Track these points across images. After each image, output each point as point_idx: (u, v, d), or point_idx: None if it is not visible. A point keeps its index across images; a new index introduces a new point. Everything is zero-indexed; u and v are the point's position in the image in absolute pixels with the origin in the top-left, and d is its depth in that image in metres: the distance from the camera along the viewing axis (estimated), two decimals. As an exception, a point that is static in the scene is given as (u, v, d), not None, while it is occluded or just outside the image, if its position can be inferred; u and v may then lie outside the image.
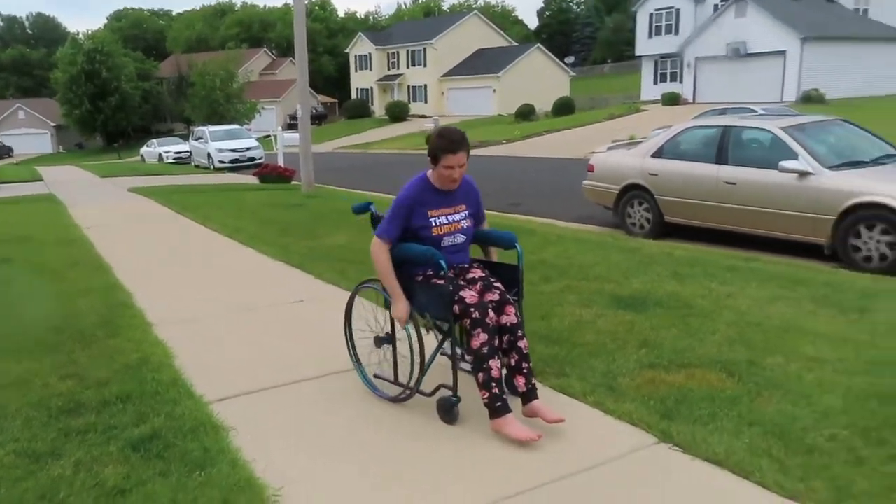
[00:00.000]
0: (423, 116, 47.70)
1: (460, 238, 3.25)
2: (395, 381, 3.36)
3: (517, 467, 2.71)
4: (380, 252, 3.16)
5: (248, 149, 25.27)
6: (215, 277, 6.18)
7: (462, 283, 3.11)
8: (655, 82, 40.96)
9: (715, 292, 5.06)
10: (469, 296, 2.97)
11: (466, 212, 3.30)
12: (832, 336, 4.00)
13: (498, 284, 3.18)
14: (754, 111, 15.48)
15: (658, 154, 7.95)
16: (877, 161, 6.66)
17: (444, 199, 3.23)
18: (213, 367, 3.90)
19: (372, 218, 3.46)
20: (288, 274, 6.20)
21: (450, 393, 3.05)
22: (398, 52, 56.53)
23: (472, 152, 3.16)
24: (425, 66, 54.08)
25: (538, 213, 10.22)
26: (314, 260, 6.55)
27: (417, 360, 3.12)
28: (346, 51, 61.91)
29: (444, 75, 53.42)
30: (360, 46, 59.41)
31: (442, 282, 3.02)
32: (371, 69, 58.59)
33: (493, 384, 2.88)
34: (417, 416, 3.19)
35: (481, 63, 52.02)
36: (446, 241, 3.20)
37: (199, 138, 26.95)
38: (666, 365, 3.62)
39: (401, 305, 3.12)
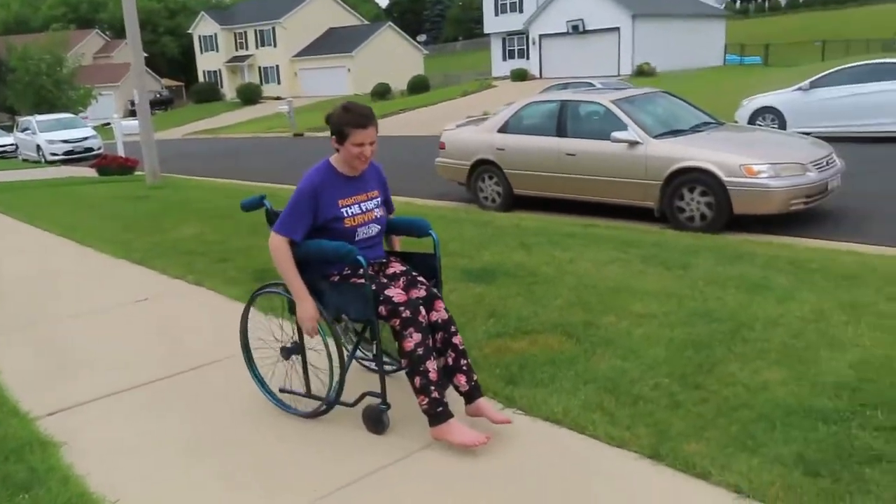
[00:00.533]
0: (277, 98, 46.15)
1: (375, 228, 2.95)
2: (309, 394, 3.04)
3: (370, 451, 2.74)
4: (280, 249, 2.78)
5: (83, 139, 23.28)
6: (47, 281, 5.67)
7: (384, 280, 2.87)
8: (504, 59, 42.26)
9: (558, 259, 5.34)
10: (396, 294, 2.71)
11: (379, 198, 3.00)
12: (658, 292, 4.36)
13: (421, 279, 2.94)
14: (593, 85, 16.40)
15: (504, 129, 8.23)
16: (695, 129, 7.30)
17: (354, 185, 2.89)
18: (45, 379, 3.59)
19: (267, 214, 3.05)
20: (130, 272, 5.81)
21: (378, 401, 2.82)
22: (245, 32, 54.15)
23: (328, 134, 2.96)
24: (275, 45, 52.26)
25: (396, 191, 10.14)
26: (159, 255, 6.19)
27: (337, 368, 2.83)
28: (190, 31, 58.35)
29: (296, 55, 51.91)
30: (204, 26, 56.24)
31: (362, 281, 2.73)
32: (218, 50, 55.73)
33: (433, 388, 2.66)
34: (272, 419, 3.12)
35: (333, 42, 51.06)
36: (361, 234, 2.89)
37: (26, 129, 24.46)
38: (512, 333, 3.79)
39: (307, 307, 2.78)
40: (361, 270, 2.74)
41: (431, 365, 2.68)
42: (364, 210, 2.90)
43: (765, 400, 2.85)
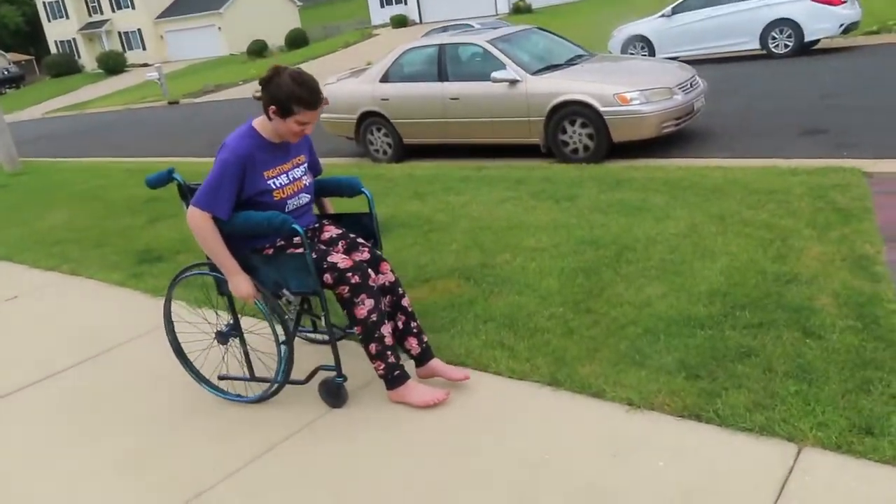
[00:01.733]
0: (145, 65, 43.09)
1: (305, 198, 2.74)
2: (253, 378, 2.88)
3: (270, 422, 2.71)
4: (202, 223, 2.51)
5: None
6: None
7: (322, 246, 2.67)
8: (382, 5, 41.19)
9: (451, 204, 5.40)
10: (340, 259, 2.55)
11: (305, 163, 2.79)
12: (548, 225, 4.51)
13: (361, 240, 2.80)
14: (472, 27, 16.34)
15: (385, 79, 8.08)
16: (570, 62, 7.45)
17: (279, 154, 2.65)
18: None
19: (180, 189, 2.79)
20: (-4, 270, 5.37)
21: (333, 374, 2.70)
22: (97, -5, 49.83)
23: (210, 98, 2.74)
24: (133, 7, 48.53)
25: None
26: (26, 248, 5.75)
27: (284, 346, 2.65)
28: (32, -3, 53.08)
29: (159, 17, 48.47)
30: (48, -9, 51.27)
31: (301, 250, 2.56)
32: (68, 17, 51.11)
33: (389, 352, 2.60)
34: (170, 402, 3.02)
35: (198, 0, 47.92)
36: (291, 205, 2.66)
37: None
38: (410, 282, 3.81)
39: (240, 281, 2.57)
40: (297, 239, 2.55)
41: (386, 329, 2.60)
42: (292, 179, 2.67)
43: (649, 315, 3.03)
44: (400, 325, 2.75)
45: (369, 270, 2.60)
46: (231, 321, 2.86)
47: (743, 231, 3.90)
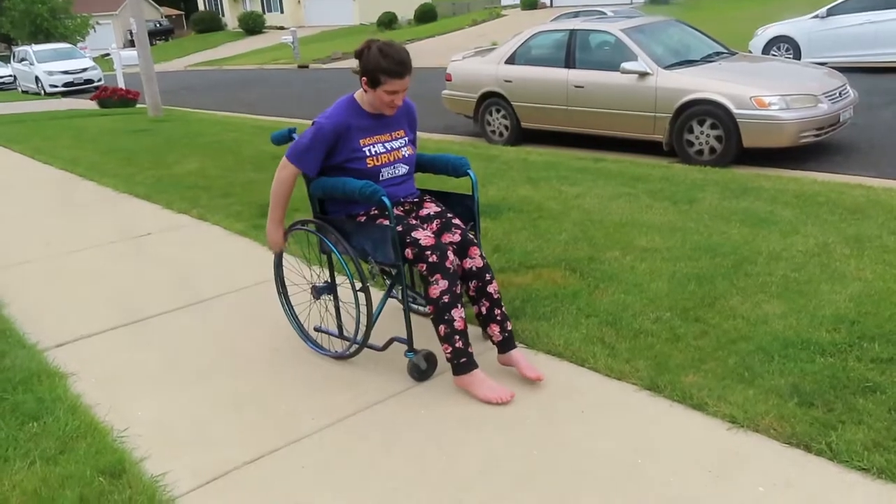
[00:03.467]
0: (281, 28, 44.97)
1: (402, 168, 2.79)
2: (340, 335, 2.99)
3: (368, 384, 2.79)
4: (283, 173, 2.72)
5: (83, 70, 22.95)
6: (49, 215, 5.68)
7: (414, 221, 2.71)
8: (515, -14, 40.68)
9: (565, 194, 5.30)
10: (424, 237, 2.58)
11: (406, 137, 2.84)
12: (663, 226, 4.34)
13: (457, 222, 2.78)
14: (605, 14, 15.85)
15: (511, 61, 8.02)
16: (706, 59, 7.09)
17: (379, 124, 2.75)
18: (51, 311, 3.65)
19: None
20: (133, 206, 5.82)
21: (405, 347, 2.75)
22: (246, -43, 52.26)
23: (336, 66, 2.87)
24: (277, -29, 50.50)
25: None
26: (162, 190, 6.18)
27: (364, 310, 2.73)
28: (188, -44, 56.46)
29: (299, -18, 50.20)
30: (203, -49, 54.32)
31: (388, 222, 2.62)
32: (218, -24, 54.01)
33: (457, 337, 2.58)
34: (286, 349, 3.17)
35: (337, -32, 49.19)
36: (385, 174, 2.74)
37: (23, 60, 24.08)
38: (516, 268, 3.79)
39: (274, 229, 2.83)
40: (387, 212, 2.58)
41: (457, 313, 2.57)
42: (389, 149, 2.75)
43: (764, 333, 2.86)
44: (483, 310, 2.73)
45: (450, 253, 2.59)
46: (328, 279, 2.99)
47: (882, 258, 3.59)
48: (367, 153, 2.69)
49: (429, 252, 2.55)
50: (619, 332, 2.99)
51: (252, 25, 47.52)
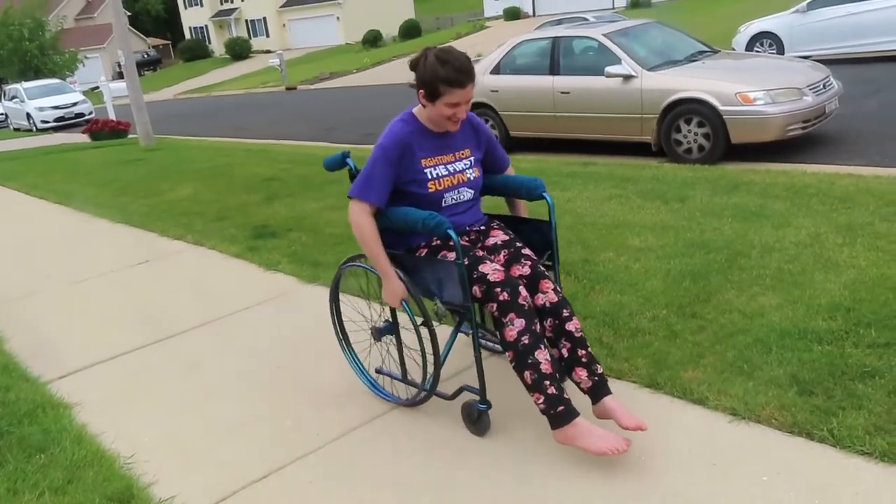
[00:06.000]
0: (267, 52, 45.31)
1: (467, 193, 2.48)
2: (405, 380, 2.68)
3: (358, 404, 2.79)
4: (362, 218, 2.36)
5: (74, 104, 23.07)
6: (47, 249, 5.70)
7: (481, 252, 2.39)
8: (496, -3, 41.05)
9: (556, 199, 5.33)
10: (492, 271, 2.26)
11: (472, 157, 2.52)
12: (656, 226, 4.37)
13: (527, 251, 2.44)
14: (587, 20, 16.00)
15: (496, 70, 8.09)
16: (690, 59, 7.16)
17: (442, 143, 2.45)
18: (53, 344, 3.66)
19: (350, 174, 2.60)
20: (129, 235, 5.85)
21: (476, 398, 2.40)
22: (230, -16, 52.74)
23: (324, 86, 2.68)
24: (261, -4, 50.94)
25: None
26: (157, 217, 6.21)
27: (431, 356, 2.44)
28: (172, -14, 56.89)
29: (283, 6, 50.66)
30: (187, -20, 54.77)
31: (453, 254, 2.36)
32: (202, 5, 54.45)
33: (548, 382, 2.19)
34: (293, 372, 3.18)
35: (320, -10, 49.69)
36: (449, 199, 2.44)
37: (14, 97, 24.21)
38: (511, 274, 3.81)
39: (393, 285, 2.39)
40: (452, 243, 2.30)
41: (542, 355, 2.20)
42: (451, 172, 2.44)
43: (760, 325, 2.88)
44: (565, 352, 2.33)
45: (521, 288, 2.26)
46: (388, 318, 2.65)
47: (874, 244, 3.62)
48: (429, 176, 2.40)
49: (499, 289, 2.23)
50: (617, 331, 3.01)
51: (239, 51, 47.86)
